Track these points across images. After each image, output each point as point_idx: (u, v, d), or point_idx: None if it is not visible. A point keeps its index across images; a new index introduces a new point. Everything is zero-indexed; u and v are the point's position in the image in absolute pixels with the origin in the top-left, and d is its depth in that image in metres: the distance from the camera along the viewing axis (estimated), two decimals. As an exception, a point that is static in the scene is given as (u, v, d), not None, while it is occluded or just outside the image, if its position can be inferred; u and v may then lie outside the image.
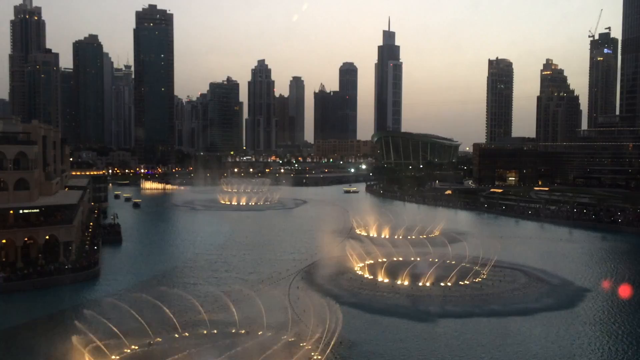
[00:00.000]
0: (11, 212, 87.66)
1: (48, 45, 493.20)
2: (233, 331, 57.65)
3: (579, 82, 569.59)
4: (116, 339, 52.05)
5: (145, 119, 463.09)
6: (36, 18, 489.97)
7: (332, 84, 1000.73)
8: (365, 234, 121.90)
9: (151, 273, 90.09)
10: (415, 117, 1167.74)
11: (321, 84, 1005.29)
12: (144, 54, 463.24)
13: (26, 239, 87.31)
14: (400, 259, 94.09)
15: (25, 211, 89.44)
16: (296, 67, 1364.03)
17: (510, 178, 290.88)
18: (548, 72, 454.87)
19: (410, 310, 68.15)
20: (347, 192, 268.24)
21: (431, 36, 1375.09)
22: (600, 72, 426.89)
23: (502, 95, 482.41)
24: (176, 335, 56.38)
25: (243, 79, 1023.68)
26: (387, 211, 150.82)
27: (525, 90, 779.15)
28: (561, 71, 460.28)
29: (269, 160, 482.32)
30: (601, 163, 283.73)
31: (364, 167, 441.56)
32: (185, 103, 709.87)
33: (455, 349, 55.71)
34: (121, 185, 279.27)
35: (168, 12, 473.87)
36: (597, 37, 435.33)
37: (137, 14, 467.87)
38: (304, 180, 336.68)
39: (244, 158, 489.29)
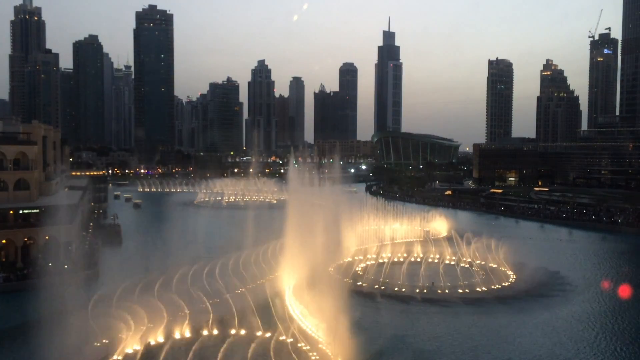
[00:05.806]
0: (11, 212, 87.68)
1: (48, 46, 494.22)
2: (232, 332, 57.66)
3: (579, 82, 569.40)
4: (116, 339, 52.03)
5: (145, 119, 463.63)
6: (36, 18, 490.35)
7: (332, 84, 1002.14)
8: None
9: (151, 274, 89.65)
10: (415, 117, 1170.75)
11: (321, 84, 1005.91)
12: (144, 54, 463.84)
13: (26, 239, 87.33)
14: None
15: (25, 211, 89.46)
16: (296, 67, 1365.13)
17: (510, 178, 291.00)
18: (548, 73, 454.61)
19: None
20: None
21: (431, 36, 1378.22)
22: (600, 72, 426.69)
23: (502, 96, 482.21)
24: (176, 337, 56.37)
25: (243, 79, 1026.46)
26: (386, 211, 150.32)
27: (525, 90, 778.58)
28: (561, 71, 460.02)
29: (269, 160, 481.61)
30: (601, 163, 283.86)
31: (364, 167, 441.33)
32: (185, 103, 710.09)
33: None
34: (121, 186, 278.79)
35: (168, 12, 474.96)
36: (597, 37, 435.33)
37: (137, 14, 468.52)
38: None
39: (244, 158, 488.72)
